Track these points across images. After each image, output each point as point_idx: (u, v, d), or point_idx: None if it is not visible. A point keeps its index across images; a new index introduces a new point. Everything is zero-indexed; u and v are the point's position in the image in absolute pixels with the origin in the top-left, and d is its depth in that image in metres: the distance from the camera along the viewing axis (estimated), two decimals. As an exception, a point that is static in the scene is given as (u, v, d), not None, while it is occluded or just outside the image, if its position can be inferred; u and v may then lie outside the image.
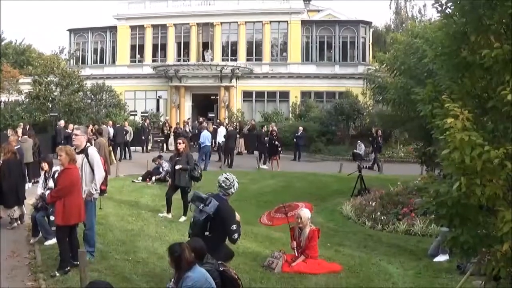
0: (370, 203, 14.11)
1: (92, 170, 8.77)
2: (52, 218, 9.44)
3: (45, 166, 10.83)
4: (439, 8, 6.08)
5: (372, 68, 33.68)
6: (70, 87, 33.27)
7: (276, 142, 24.31)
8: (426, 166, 16.27)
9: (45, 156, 11.84)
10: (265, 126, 30.45)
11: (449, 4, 6.01)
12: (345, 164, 23.25)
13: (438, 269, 9.14)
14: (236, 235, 6.82)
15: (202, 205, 6.86)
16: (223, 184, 7.11)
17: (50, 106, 32.92)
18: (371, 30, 44.26)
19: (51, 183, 10.04)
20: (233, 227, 6.79)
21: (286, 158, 27.14)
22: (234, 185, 7.15)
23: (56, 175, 9.30)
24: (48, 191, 9.63)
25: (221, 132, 26.48)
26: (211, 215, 6.75)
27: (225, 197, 7.08)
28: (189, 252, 5.68)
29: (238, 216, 7.16)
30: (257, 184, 19.24)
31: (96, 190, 8.81)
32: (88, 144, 9.29)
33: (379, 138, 24.81)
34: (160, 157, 19.81)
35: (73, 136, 9.19)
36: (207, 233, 6.70)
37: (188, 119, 37.00)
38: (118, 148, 26.47)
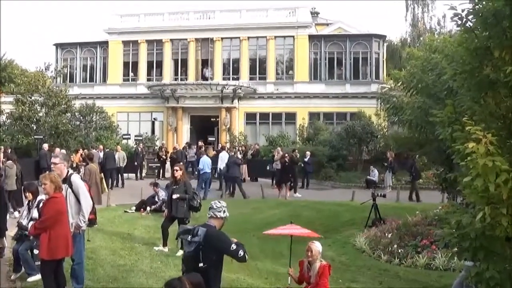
0: (386, 234, 14.04)
1: (78, 200, 8.75)
2: (36, 251, 9.39)
3: (29, 195, 10.77)
4: (459, 22, 6.07)
5: (387, 86, 33.71)
6: (56, 108, 33.24)
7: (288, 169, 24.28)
8: (448, 194, 16.20)
9: (30, 184, 11.72)
10: (296, 151, 28.43)
11: (470, 17, 5.99)
12: (357, 192, 23.19)
13: (462, 307, 9.07)
14: (241, 252, 6.69)
15: (189, 236, 6.82)
16: (214, 206, 7.07)
17: (35, 128, 32.80)
18: (385, 44, 44.45)
19: (35, 213, 10.01)
20: (232, 247, 6.69)
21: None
22: (224, 210, 7.12)
23: (41, 204, 9.27)
24: (31, 222, 9.58)
25: (223, 157, 26.25)
26: (202, 243, 6.71)
27: (213, 224, 7.03)
28: (190, 286, 5.64)
29: (233, 240, 7.10)
30: (261, 214, 19.17)
31: (84, 221, 8.78)
32: (71, 171, 9.26)
33: (416, 165, 24.41)
34: (156, 184, 19.75)
35: (52, 165, 9.09)
36: (201, 264, 6.64)
37: (187, 143, 36.83)
38: (109, 175, 26.44)
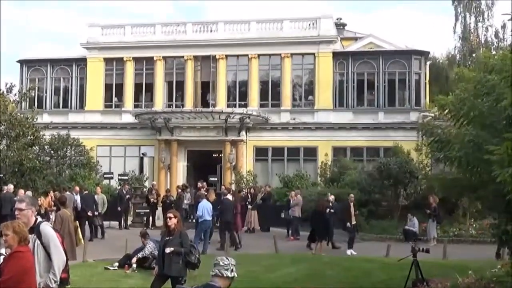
0: (431, 299, 13.92)
1: (48, 254, 8.69)
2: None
3: (-16, 249, 10.72)
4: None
5: (430, 115, 33.74)
6: (21, 139, 32.83)
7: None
8: (508, 249, 16.07)
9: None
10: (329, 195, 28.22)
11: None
12: (394, 246, 22.99)
13: None
14: None
15: None
16: (221, 262, 7.06)
17: (-7, 164, 32.84)
18: (428, 63, 44.43)
19: (-7, 272, 9.95)
20: None
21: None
22: (233, 269, 7.11)
23: (0, 260, 9.21)
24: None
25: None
26: None
27: (218, 285, 7.01)
28: None
29: None
30: (274, 272, 19.04)
31: (55, 281, 8.71)
32: (39, 219, 9.19)
33: None
34: (145, 234, 19.59)
35: (16, 212, 8.99)
36: None
37: (177, 186, 36.53)
38: (86, 223, 26.41)
